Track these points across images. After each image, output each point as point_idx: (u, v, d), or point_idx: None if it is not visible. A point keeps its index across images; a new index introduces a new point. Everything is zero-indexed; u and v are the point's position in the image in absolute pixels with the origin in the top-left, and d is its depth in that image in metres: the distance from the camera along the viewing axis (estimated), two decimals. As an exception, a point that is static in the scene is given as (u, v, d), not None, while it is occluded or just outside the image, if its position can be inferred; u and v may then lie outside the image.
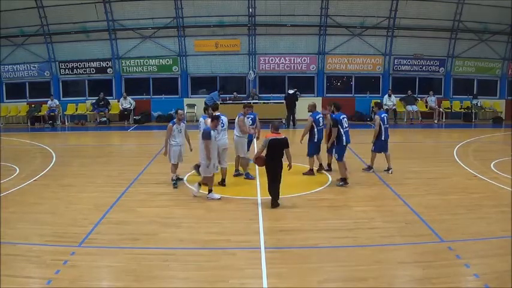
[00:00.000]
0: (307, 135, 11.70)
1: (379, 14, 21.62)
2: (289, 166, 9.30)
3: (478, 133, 18.61)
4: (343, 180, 10.67)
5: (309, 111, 11.92)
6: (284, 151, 9.19)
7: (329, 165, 12.06)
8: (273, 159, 9.13)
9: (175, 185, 10.76)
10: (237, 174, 11.52)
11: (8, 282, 6.12)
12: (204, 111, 11.94)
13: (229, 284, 6.22)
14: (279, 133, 9.30)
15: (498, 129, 20.23)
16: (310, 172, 11.70)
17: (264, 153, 9.26)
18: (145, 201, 9.78)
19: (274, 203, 9.18)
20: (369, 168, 12.09)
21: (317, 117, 11.66)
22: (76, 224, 8.38)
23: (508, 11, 20.80)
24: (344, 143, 10.90)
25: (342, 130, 10.84)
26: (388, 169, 11.89)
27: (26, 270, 6.58)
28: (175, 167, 10.96)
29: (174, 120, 11.01)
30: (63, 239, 7.64)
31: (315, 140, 11.63)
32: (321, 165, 12.01)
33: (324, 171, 11.95)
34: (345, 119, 11.18)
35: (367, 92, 22.89)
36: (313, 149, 11.72)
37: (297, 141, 11.88)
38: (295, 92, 20.71)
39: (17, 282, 6.20)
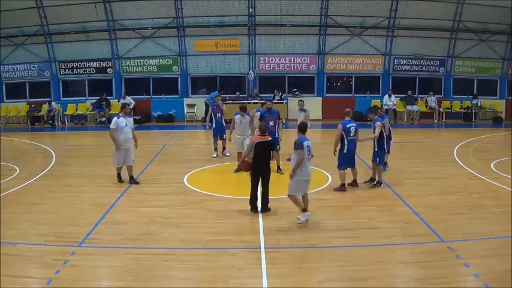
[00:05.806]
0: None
1: (379, 14, 21.64)
2: (278, 168, 8.87)
3: (478, 133, 18.61)
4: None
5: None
6: (271, 153, 8.77)
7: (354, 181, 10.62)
8: (260, 163, 8.76)
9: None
10: (238, 170, 11.45)
11: (8, 282, 6.12)
12: (121, 110, 11.39)
13: (229, 284, 6.22)
14: (266, 136, 9.06)
15: (498, 129, 20.21)
16: (342, 187, 10.24)
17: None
18: (145, 201, 9.78)
19: (264, 208, 8.81)
20: (378, 182, 10.61)
21: (348, 126, 10.16)
22: (76, 224, 8.36)
23: (508, 11, 20.82)
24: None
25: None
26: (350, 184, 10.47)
27: (26, 270, 6.57)
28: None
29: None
30: (63, 239, 7.63)
31: (344, 151, 10.20)
32: (355, 181, 10.55)
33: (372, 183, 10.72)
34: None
35: (367, 92, 22.91)
36: (344, 162, 10.29)
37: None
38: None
39: (17, 282, 6.19)
